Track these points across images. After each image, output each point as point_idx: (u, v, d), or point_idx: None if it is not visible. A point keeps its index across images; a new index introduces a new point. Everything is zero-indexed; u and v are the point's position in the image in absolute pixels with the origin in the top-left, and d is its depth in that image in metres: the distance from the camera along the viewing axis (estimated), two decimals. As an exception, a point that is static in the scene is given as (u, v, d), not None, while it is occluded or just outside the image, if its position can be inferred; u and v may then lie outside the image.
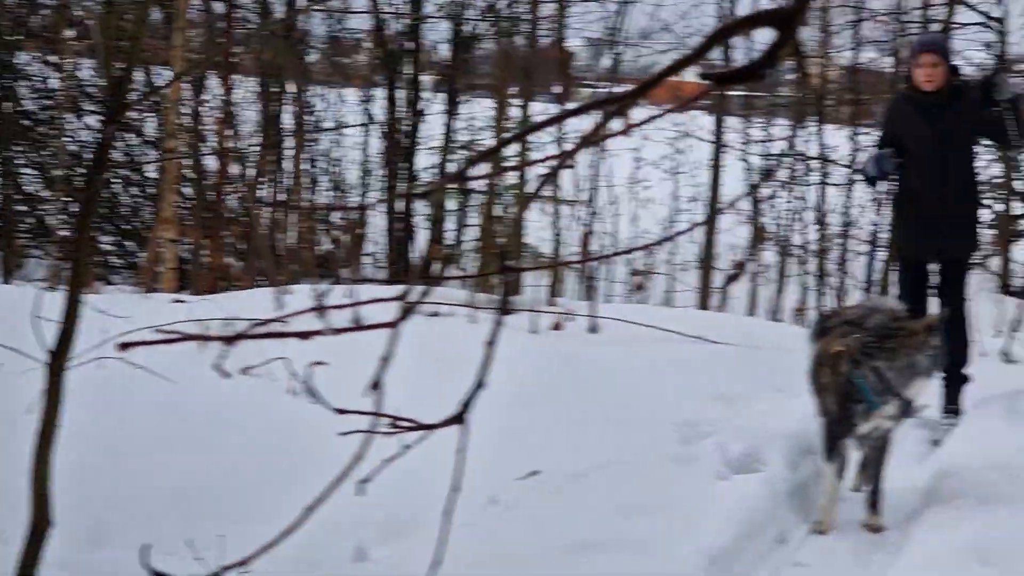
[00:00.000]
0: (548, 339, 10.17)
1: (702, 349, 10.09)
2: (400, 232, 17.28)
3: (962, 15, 17.94)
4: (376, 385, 1.46)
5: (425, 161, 18.23)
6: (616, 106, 1.55)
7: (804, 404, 8.19)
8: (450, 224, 17.65)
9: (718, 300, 17.34)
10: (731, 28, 1.54)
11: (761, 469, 7.66)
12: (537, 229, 16.50)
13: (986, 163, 19.15)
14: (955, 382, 9.48)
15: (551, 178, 7.18)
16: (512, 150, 15.56)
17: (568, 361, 9.53)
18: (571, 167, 15.31)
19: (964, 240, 9.64)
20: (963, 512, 7.05)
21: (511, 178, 15.49)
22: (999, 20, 18.64)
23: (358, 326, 1.58)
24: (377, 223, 17.82)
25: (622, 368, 9.49)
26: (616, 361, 9.63)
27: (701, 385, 9.11)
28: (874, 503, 7.38)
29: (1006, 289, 19.20)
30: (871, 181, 9.81)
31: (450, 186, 15.31)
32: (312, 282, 12.25)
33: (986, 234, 20.38)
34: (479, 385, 1.65)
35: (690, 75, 1.77)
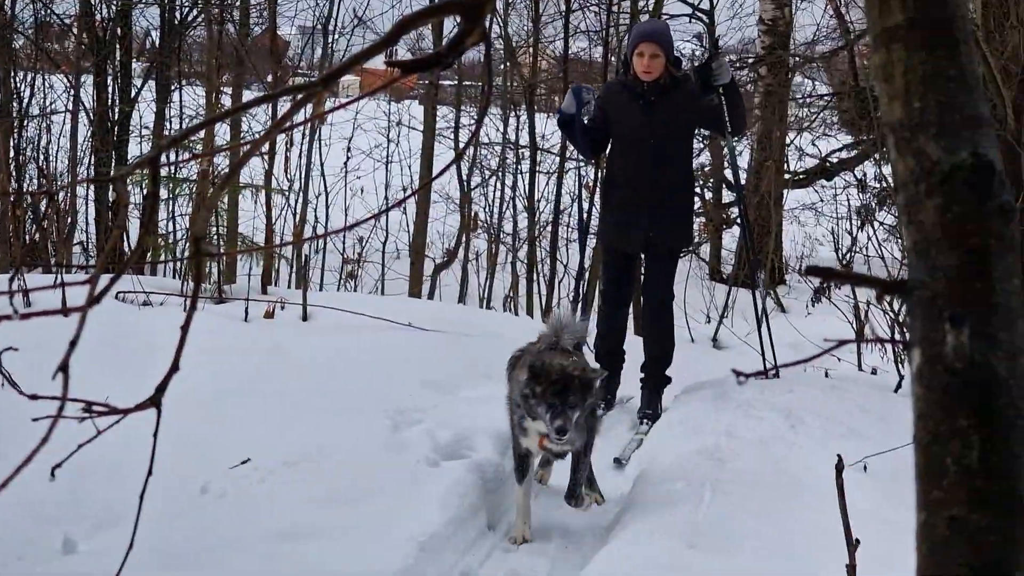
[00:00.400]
0: (260, 327, 10.11)
1: (413, 336, 10.14)
2: (111, 221, 16.93)
3: (671, 6, 18.40)
4: (64, 368, 1.45)
5: (136, 149, 17.91)
6: (304, 93, 1.57)
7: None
8: (163, 213, 17.40)
9: (429, 288, 17.41)
10: (419, 16, 1.57)
11: (470, 455, 7.74)
12: (250, 219, 16.37)
13: (697, 151, 19.71)
14: (655, 383, 9.62)
15: (241, 165, 7.06)
16: (225, 139, 15.44)
17: (280, 349, 9.48)
18: (262, 154, 15.20)
19: (677, 232, 9.58)
20: (672, 496, 7.23)
21: (224, 163, 15.29)
22: (707, 12, 19.15)
23: (45, 311, 1.57)
24: (88, 212, 17.43)
25: (333, 356, 9.48)
26: (327, 349, 9.62)
27: (411, 372, 9.15)
28: (572, 492, 7.39)
29: (716, 276, 19.77)
30: (567, 122, 9.53)
31: (147, 171, 14.97)
32: (18, 271, 11.92)
33: (697, 222, 21.01)
34: (173, 368, 1.66)
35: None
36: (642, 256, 9.93)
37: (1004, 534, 1.47)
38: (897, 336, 9.88)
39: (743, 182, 13.85)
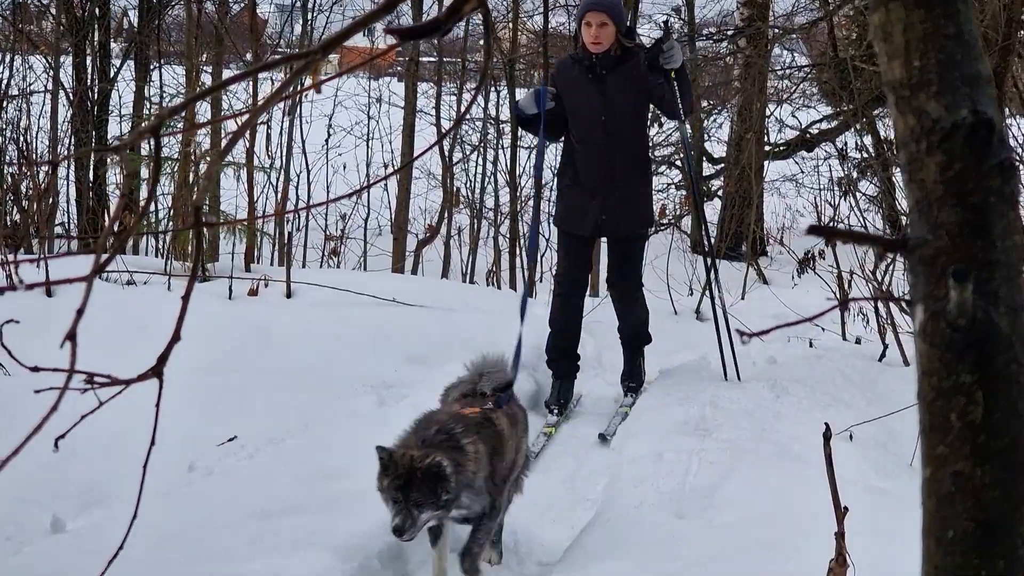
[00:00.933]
0: (244, 305, 10.10)
1: (397, 312, 10.14)
2: (92, 201, 16.87)
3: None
4: (71, 337, 1.46)
5: (115, 129, 17.86)
6: (305, 61, 1.58)
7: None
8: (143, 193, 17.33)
9: (412, 264, 17.41)
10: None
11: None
12: (231, 196, 16.33)
13: (676, 126, 19.73)
14: (636, 356, 9.36)
15: (242, 133, 6.95)
16: (205, 116, 15.40)
17: (264, 326, 9.49)
18: (263, 123, 15.14)
19: (631, 215, 9.10)
20: (659, 466, 7.27)
21: (205, 142, 15.24)
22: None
23: (47, 281, 1.57)
24: (68, 193, 17.38)
25: (318, 332, 9.49)
26: (312, 325, 9.62)
27: (396, 348, 9.16)
28: (466, 553, 6.32)
29: (698, 249, 19.81)
30: (525, 121, 9.14)
31: (142, 149, 14.96)
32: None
33: (679, 195, 21.02)
34: (174, 338, 1.66)
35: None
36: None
37: (1007, 489, 1.49)
38: (880, 304, 9.91)
39: (694, 168, 13.61)
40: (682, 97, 8.90)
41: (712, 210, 21.17)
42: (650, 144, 15.90)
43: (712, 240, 14.06)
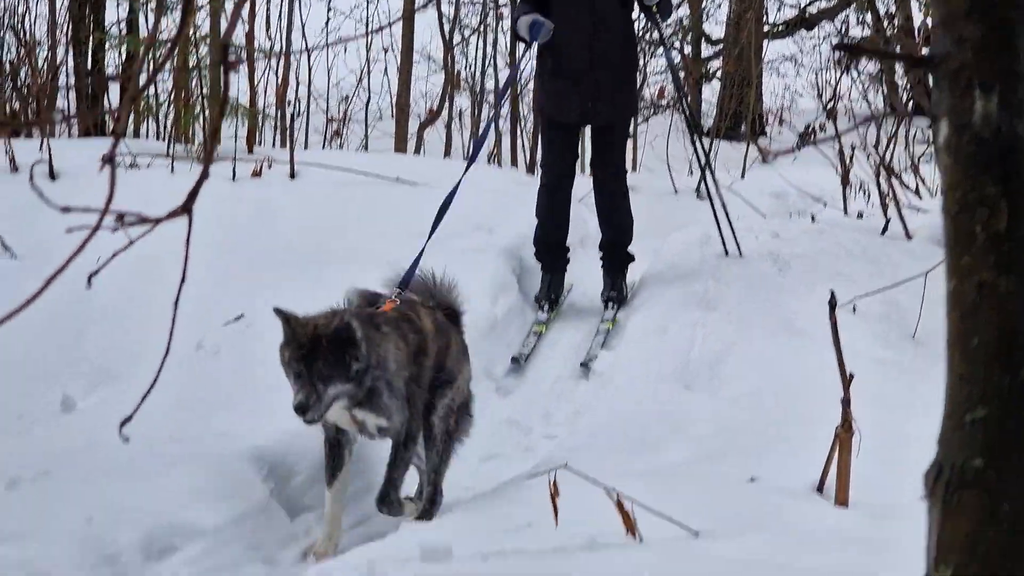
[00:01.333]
0: (248, 186, 10.09)
1: (401, 190, 10.13)
2: (91, 85, 16.77)
3: None
4: (109, 160, 1.48)
5: (113, 15, 17.74)
6: None
7: (505, 239, 8.37)
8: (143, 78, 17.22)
9: (414, 145, 17.38)
10: None
11: (464, 308, 7.81)
12: (231, 80, 16.26)
13: (677, 3, 19.63)
14: (617, 263, 8.94)
15: None
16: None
17: (269, 206, 9.50)
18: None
19: (617, 102, 8.72)
20: (664, 340, 7.37)
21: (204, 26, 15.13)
22: None
23: (87, 115, 1.59)
24: (66, 79, 17.28)
25: (323, 211, 9.50)
26: (317, 205, 9.63)
27: (401, 224, 9.16)
28: (384, 495, 5.55)
29: (696, 129, 19.78)
30: (519, 38, 8.74)
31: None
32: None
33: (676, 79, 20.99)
34: (203, 176, 1.68)
35: None
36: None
37: (1031, 298, 1.52)
38: (882, 178, 9.91)
39: (684, 87, 13.31)
40: (660, 12, 8.68)
41: (711, 91, 21.15)
42: (645, 27, 15.83)
43: (697, 119, 13.96)
